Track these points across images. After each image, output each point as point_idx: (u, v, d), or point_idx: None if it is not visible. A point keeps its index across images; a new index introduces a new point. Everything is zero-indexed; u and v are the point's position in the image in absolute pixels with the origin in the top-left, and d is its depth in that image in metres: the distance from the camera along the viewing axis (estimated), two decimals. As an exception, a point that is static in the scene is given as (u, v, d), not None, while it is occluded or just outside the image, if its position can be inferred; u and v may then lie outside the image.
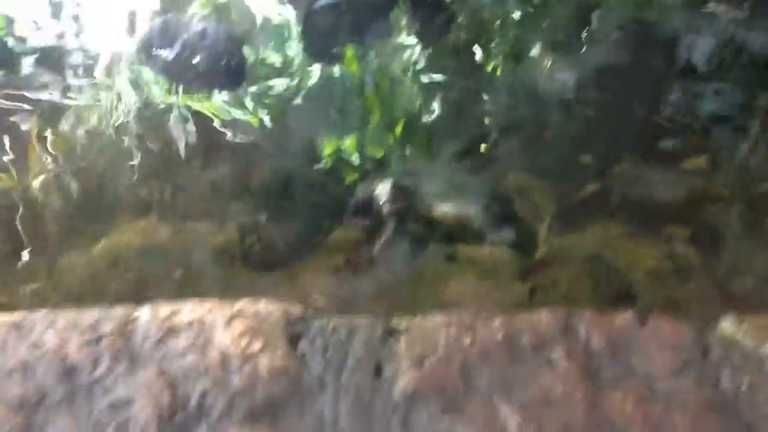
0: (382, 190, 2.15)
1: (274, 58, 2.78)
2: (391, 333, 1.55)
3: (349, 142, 2.28)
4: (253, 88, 2.59)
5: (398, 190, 2.15)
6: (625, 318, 1.60)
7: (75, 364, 1.44)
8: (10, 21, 2.72)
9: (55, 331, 1.51)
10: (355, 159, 2.29)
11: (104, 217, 2.15)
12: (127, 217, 2.15)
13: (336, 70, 2.69)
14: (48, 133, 2.30)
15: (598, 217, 2.19)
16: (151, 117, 2.33)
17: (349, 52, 2.94)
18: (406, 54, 3.18)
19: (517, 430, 1.35)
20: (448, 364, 1.48)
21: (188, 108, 2.34)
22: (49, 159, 2.23)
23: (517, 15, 3.22)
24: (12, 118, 2.37)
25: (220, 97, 2.51)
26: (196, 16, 2.95)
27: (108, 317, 1.55)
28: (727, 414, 1.39)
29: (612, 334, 1.56)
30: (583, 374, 1.46)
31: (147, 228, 2.08)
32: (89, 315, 1.56)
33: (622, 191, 2.32)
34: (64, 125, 2.36)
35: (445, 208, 2.20)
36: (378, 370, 1.47)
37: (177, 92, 2.45)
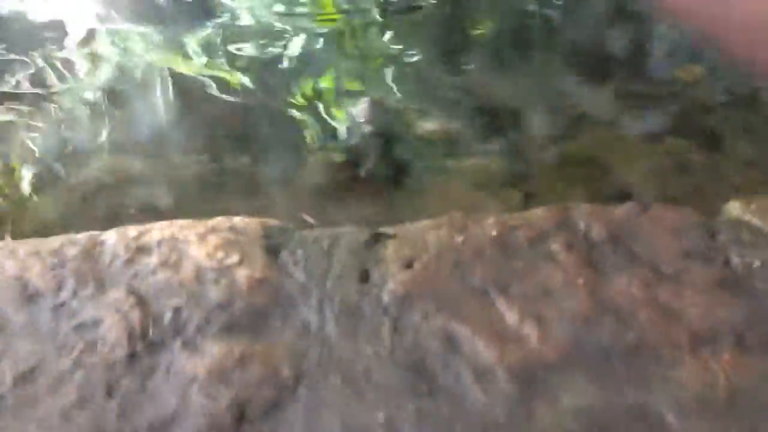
0: (359, 108, 2.04)
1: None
2: (377, 239, 1.45)
3: (326, 80, 2.16)
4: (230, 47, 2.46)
5: (375, 108, 2.03)
6: (625, 209, 1.50)
7: (37, 290, 1.33)
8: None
9: (15, 259, 1.39)
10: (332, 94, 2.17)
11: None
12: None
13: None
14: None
15: (589, 126, 2.08)
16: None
17: None
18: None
19: (516, 323, 1.24)
20: (440, 263, 1.37)
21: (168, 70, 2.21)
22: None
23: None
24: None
25: (198, 61, 2.37)
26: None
27: (72, 242, 1.44)
28: (741, 290, 1.30)
29: (612, 224, 1.45)
30: (584, 263, 1.36)
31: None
32: (52, 241, 1.45)
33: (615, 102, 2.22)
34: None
35: (429, 125, 2.08)
36: (365, 275, 1.36)
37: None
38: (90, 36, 2.52)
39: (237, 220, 1.48)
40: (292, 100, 2.19)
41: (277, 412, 1.12)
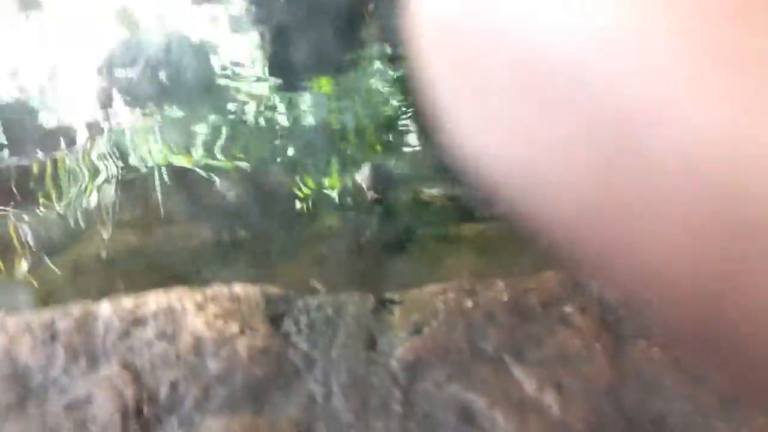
0: (362, 175, 2.01)
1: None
2: (383, 305, 1.38)
3: (331, 180, 2.15)
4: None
5: (378, 173, 2.00)
6: (638, 270, 1.44)
7: (27, 366, 1.25)
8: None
9: (4, 333, 1.32)
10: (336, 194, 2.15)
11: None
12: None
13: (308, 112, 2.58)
14: None
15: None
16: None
17: (324, 81, 2.85)
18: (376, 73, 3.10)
19: (535, 391, 1.16)
20: (451, 329, 1.30)
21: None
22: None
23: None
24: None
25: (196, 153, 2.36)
26: (159, 32, 2.84)
27: (64, 315, 1.37)
28: None
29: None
30: (601, 327, 1.29)
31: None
32: (43, 314, 1.38)
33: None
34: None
35: (432, 191, 2.06)
36: (372, 343, 1.29)
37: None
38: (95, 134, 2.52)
39: (237, 287, 1.42)
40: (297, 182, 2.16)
41: (282, 493, 1.03)
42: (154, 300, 1.41)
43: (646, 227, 0.30)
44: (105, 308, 1.40)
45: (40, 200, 2.10)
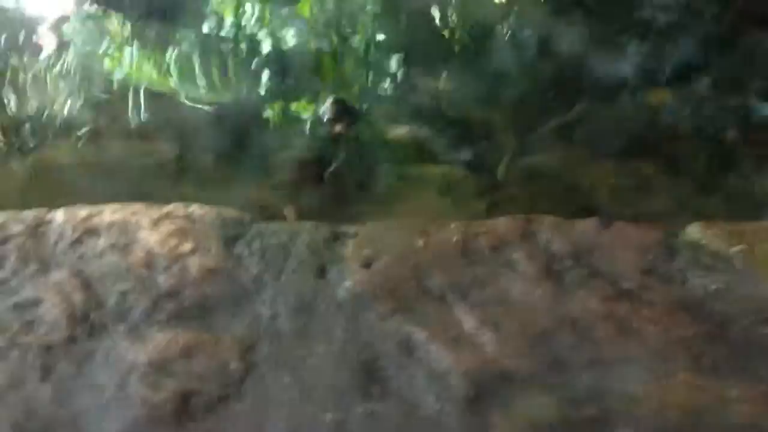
0: (325, 107, 2.00)
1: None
2: (337, 237, 1.41)
3: (299, 105, 2.12)
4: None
5: (341, 108, 2.00)
6: (587, 224, 1.49)
7: (-26, 265, 1.25)
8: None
9: (-46, 233, 1.31)
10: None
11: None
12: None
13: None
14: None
15: (559, 145, 2.08)
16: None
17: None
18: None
19: (473, 329, 1.21)
20: (400, 265, 1.34)
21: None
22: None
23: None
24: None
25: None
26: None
27: (17, 219, 1.37)
28: (697, 312, 1.29)
29: (574, 237, 1.44)
30: (545, 275, 1.34)
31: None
32: (-4, 216, 1.38)
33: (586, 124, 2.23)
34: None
35: (399, 131, 2.06)
36: (322, 272, 1.32)
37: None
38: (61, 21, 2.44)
39: (194, 207, 1.43)
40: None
41: (221, 407, 1.07)
42: (110, 212, 1.42)
43: None
44: (59, 216, 1.40)
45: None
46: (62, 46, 2.36)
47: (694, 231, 1.51)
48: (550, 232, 1.45)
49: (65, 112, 2.01)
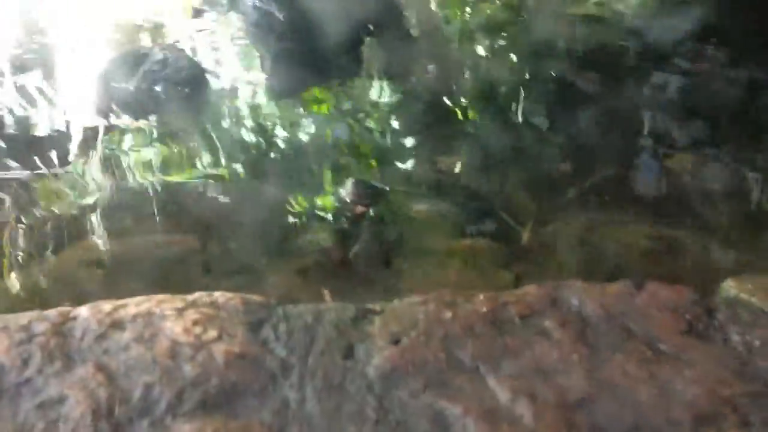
0: (346, 189, 2.02)
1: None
2: (363, 315, 1.39)
3: (324, 201, 2.16)
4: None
5: (362, 188, 2.02)
6: (618, 287, 1.46)
7: (1, 366, 1.24)
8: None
9: (-20, 334, 1.32)
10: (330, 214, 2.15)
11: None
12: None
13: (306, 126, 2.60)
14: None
15: (582, 210, 2.07)
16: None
17: (318, 93, 2.88)
18: (375, 91, 3.15)
19: (508, 401, 1.16)
20: (428, 339, 1.31)
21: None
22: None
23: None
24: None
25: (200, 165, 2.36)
26: (157, 47, 2.87)
27: (42, 317, 1.37)
28: (742, 370, 1.23)
29: (606, 301, 1.41)
30: (579, 340, 1.30)
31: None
32: (22, 317, 1.38)
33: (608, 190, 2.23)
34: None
35: (420, 207, 2.07)
36: (349, 352, 1.29)
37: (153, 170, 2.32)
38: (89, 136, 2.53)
39: (217, 295, 1.42)
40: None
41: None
42: (134, 305, 1.41)
43: None
44: (83, 312, 1.40)
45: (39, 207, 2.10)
46: (87, 148, 2.43)
47: (730, 287, 1.46)
48: (581, 297, 1.41)
49: (90, 211, 2.05)
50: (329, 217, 2.03)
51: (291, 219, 2.05)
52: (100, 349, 1.29)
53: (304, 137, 2.52)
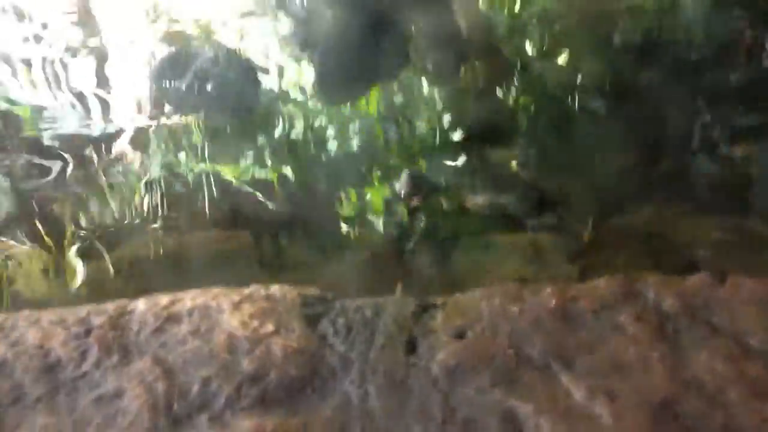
0: (400, 182, 1.95)
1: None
2: (425, 309, 1.32)
3: (373, 197, 2.11)
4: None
5: (416, 181, 1.95)
6: (698, 279, 1.36)
7: (59, 360, 1.22)
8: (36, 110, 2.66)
9: (38, 327, 1.30)
10: (379, 216, 2.10)
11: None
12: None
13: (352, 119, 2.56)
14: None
15: (647, 202, 1.97)
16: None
17: (364, 99, 2.84)
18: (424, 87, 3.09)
19: (585, 400, 1.08)
20: (494, 334, 1.23)
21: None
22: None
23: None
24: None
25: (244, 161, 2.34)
26: (208, 46, 2.85)
27: (99, 311, 1.34)
28: (843, 367, 1.11)
29: (686, 295, 1.31)
30: (659, 336, 1.21)
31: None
32: (79, 310, 1.36)
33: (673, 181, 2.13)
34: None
35: (477, 200, 1.99)
36: (412, 346, 1.23)
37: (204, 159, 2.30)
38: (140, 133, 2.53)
39: (274, 288, 1.37)
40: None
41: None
42: (191, 298, 1.38)
43: None
44: (140, 305, 1.37)
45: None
46: (140, 150, 2.42)
47: (822, 279, 1.34)
48: (658, 290, 1.32)
49: (144, 210, 2.03)
50: (380, 211, 1.96)
51: (346, 209, 1.99)
52: (158, 342, 1.26)
53: (353, 136, 2.47)
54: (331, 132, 2.51)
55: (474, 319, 1.28)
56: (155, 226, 1.90)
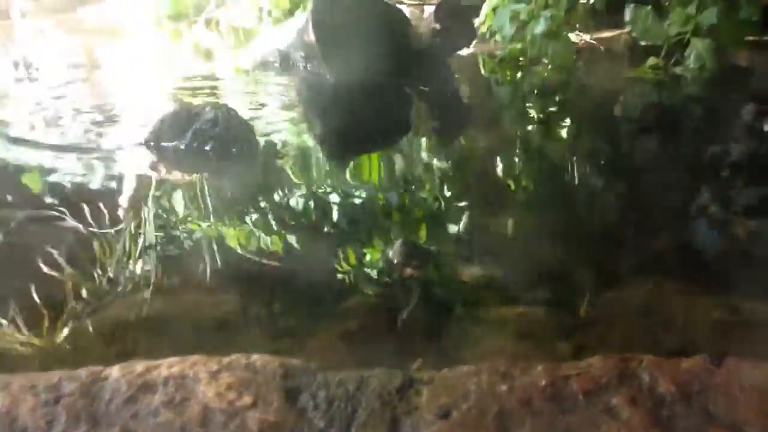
0: (394, 250, 1.93)
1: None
2: (410, 384, 1.27)
3: (373, 255, 2.09)
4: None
5: (410, 250, 1.92)
6: (694, 362, 1.31)
7: (25, 428, 1.16)
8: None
9: (7, 393, 1.24)
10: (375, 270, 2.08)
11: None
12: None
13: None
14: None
15: (645, 278, 1.94)
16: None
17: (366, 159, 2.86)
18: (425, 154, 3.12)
19: (574, 490, 1.02)
20: (481, 414, 1.18)
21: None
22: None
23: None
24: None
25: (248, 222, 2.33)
26: (209, 106, 2.89)
27: (72, 377, 1.29)
28: None
29: (681, 378, 1.26)
30: (652, 422, 1.16)
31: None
32: (52, 375, 1.31)
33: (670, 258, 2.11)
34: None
35: (472, 271, 1.96)
36: (394, 425, 1.18)
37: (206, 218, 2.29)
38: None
39: (255, 357, 1.33)
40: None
41: None
42: (167, 366, 1.33)
43: None
44: (114, 372, 1.32)
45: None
46: (139, 203, 2.41)
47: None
48: (652, 372, 1.27)
49: (137, 270, 2.00)
50: (377, 275, 1.93)
51: (338, 278, 1.96)
52: (129, 413, 1.21)
53: (353, 202, 2.46)
54: (330, 198, 2.51)
55: (460, 397, 1.23)
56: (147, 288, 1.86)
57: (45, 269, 1.93)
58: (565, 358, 1.59)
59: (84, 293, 1.86)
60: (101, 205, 2.32)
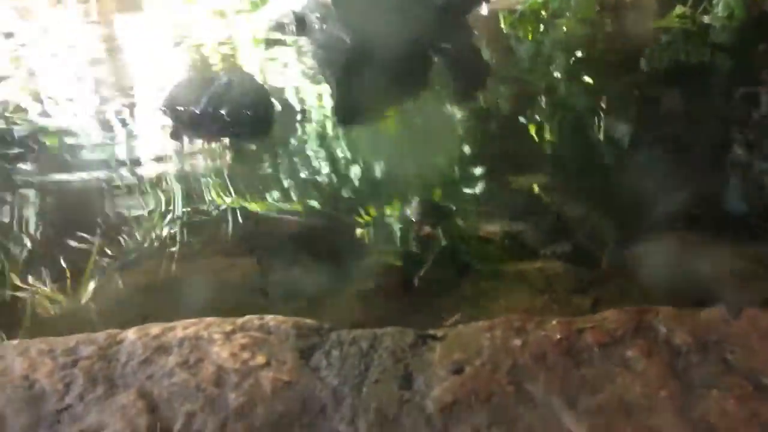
0: (412, 209, 1.91)
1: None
2: (423, 341, 1.26)
3: (390, 209, 2.07)
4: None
5: (428, 208, 1.90)
6: (712, 313, 1.28)
7: (43, 391, 1.18)
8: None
9: (26, 358, 1.26)
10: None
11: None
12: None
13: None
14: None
15: (668, 230, 1.90)
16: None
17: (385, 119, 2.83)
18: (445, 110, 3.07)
19: (588, 442, 1.01)
20: (494, 369, 1.17)
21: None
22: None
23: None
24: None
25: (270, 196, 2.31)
26: (223, 71, 2.86)
27: (89, 341, 1.31)
28: None
29: (698, 329, 1.24)
30: (668, 373, 1.14)
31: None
32: (68, 339, 1.32)
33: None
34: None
35: (491, 228, 1.94)
36: (407, 381, 1.17)
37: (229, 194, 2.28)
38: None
39: (268, 318, 1.33)
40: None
41: None
42: (182, 328, 1.34)
43: None
44: (130, 335, 1.33)
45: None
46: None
47: None
48: (669, 324, 1.24)
49: (163, 235, 2.01)
50: (397, 230, 1.92)
51: (357, 235, 1.95)
52: (144, 374, 1.22)
53: (371, 160, 2.44)
54: (349, 156, 2.49)
55: (474, 352, 1.22)
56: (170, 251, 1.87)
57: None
58: (583, 311, 1.57)
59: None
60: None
